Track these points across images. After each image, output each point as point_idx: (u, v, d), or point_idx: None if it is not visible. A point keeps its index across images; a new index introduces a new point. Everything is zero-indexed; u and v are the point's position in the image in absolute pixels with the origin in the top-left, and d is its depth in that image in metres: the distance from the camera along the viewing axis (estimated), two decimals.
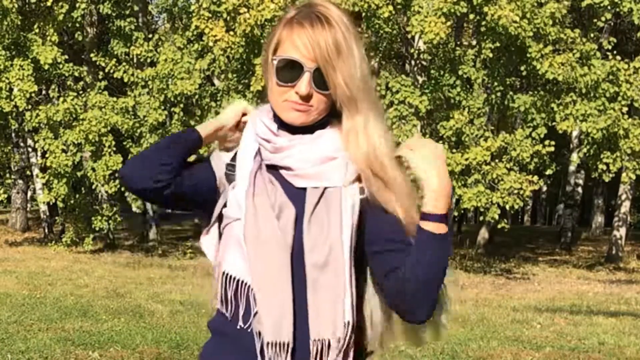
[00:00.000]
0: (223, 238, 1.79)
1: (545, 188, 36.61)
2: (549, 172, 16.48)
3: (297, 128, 1.75)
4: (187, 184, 1.81)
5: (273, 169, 1.76)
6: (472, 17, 15.86)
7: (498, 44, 15.45)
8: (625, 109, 15.72)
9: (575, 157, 20.73)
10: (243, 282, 1.72)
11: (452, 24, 15.58)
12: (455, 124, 15.18)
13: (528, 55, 15.28)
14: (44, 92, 19.77)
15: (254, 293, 1.70)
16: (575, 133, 20.40)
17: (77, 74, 18.50)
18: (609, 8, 16.22)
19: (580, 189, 24.50)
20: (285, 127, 1.76)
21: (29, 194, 25.65)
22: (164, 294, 10.98)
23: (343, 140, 1.74)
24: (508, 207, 15.37)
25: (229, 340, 1.76)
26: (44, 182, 18.15)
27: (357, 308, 1.72)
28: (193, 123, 17.69)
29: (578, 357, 7.53)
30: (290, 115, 1.73)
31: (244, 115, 1.88)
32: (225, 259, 1.75)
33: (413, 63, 16.89)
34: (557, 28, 15.39)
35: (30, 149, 21.54)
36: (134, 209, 18.06)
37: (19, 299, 9.93)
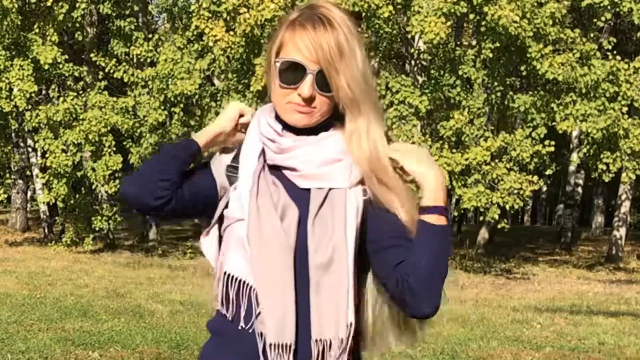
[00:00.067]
0: (224, 239, 1.78)
1: (545, 188, 36.61)
2: (549, 172, 16.48)
3: (300, 129, 1.75)
4: (187, 196, 1.78)
5: (276, 170, 1.76)
6: (472, 17, 15.86)
7: (498, 44, 15.45)
8: (625, 109, 15.71)
9: (575, 157, 20.72)
10: (245, 282, 1.71)
11: (452, 24, 15.57)
12: (455, 124, 15.18)
13: (528, 55, 15.27)
14: (44, 92, 19.77)
15: (256, 294, 1.69)
16: (575, 133, 20.40)
17: (77, 74, 18.49)
18: (609, 8, 16.21)
19: (580, 189, 24.50)
20: (289, 127, 1.76)
21: (29, 194, 25.65)
22: (164, 294, 10.98)
23: (346, 142, 1.75)
24: (508, 207, 15.37)
25: (230, 341, 1.76)
26: (44, 182, 18.15)
27: (355, 309, 1.73)
28: (193, 123, 17.70)
29: (578, 357, 7.52)
30: (293, 117, 1.73)
31: (241, 117, 1.86)
32: (227, 260, 1.75)
33: (413, 63, 16.89)
34: (557, 28, 15.39)
35: (30, 149, 21.54)
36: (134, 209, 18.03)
37: (19, 299, 9.93)
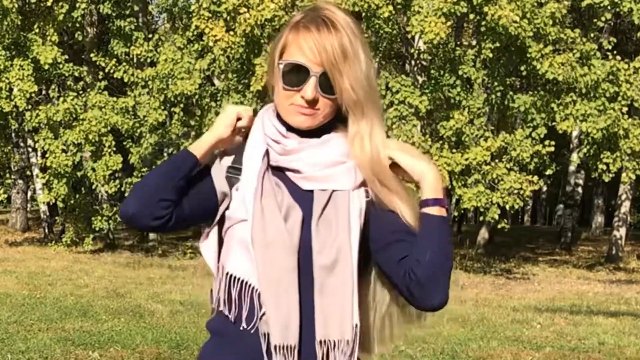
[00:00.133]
0: (226, 240, 1.78)
1: (545, 188, 36.61)
2: (549, 172, 16.48)
3: (303, 131, 1.76)
4: (187, 211, 1.76)
5: (278, 171, 1.76)
6: (472, 17, 15.85)
7: (498, 44, 15.44)
8: (625, 109, 15.71)
9: (575, 157, 20.73)
10: (247, 283, 1.71)
11: (452, 24, 15.57)
12: (455, 124, 15.17)
13: (528, 55, 15.27)
14: (44, 92, 19.77)
15: (260, 295, 1.69)
16: (575, 133, 20.40)
17: (77, 74, 18.50)
18: (609, 8, 16.21)
19: (580, 189, 24.50)
20: (293, 129, 1.77)
21: (29, 194, 25.65)
22: (164, 294, 10.99)
23: (349, 145, 1.76)
24: (508, 207, 15.36)
25: (230, 341, 1.76)
26: (44, 182, 18.16)
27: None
28: (193, 123, 17.71)
29: (578, 357, 7.52)
30: (297, 119, 1.74)
31: (239, 120, 1.82)
32: (229, 261, 1.75)
33: (413, 63, 16.89)
34: (557, 28, 15.38)
35: (30, 149, 21.54)
36: None
37: (19, 299, 9.93)
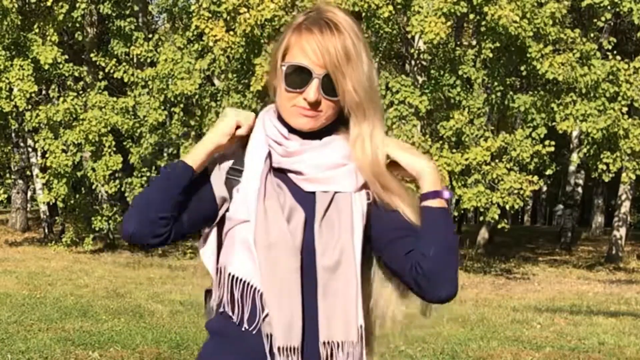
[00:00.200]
0: (226, 242, 1.77)
1: (545, 188, 36.62)
2: (549, 172, 16.48)
3: (305, 132, 1.76)
4: (187, 223, 1.76)
5: (279, 172, 1.76)
6: (472, 17, 15.85)
7: (498, 44, 15.44)
8: (625, 109, 15.71)
9: (575, 157, 20.73)
10: (249, 284, 1.71)
11: (452, 24, 15.56)
12: (455, 124, 15.17)
13: (528, 55, 15.27)
14: (44, 92, 19.77)
15: (263, 296, 1.69)
16: (575, 133, 20.40)
17: (77, 74, 18.49)
18: (609, 8, 16.20)
19: (580, 189, 24.49)
20: (294, 130, 1.77)
21: (29, 194, 25.65)
22: (164, 294, 10.99)
23: (350, 147, 1.77)
24: (508, 207, 15.36)
25: (232, 342, 1.75)
26: (44, 182, 18.15)
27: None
28: (193, 123, 17.71)
29: (578, 357, 7.53)
30: (299, 121, 1.74)
31: (238, 128, 1.79)
32: (231, 262, 1.74)
33: (413, 63, 16.89)
34: (557, 28, 15.38)
35: (30, 149, 21.54)
36: None
37: (19, 299, 9.93)
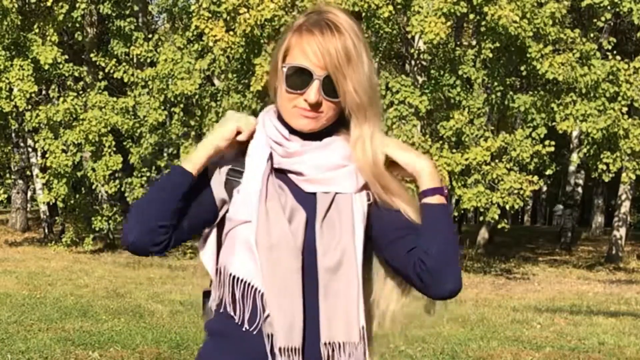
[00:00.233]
0: (227, 242, 1.77)
1: (545, 188, 36.62)
2: (549, 172, 16.47)
3: (305, 133, 1.76)
4: (187, 229, 1.76)
5: (280, 172, 1.77)
6: (472, 17, 15.84)
7: (498, 44, 15.43)
8: (625, 109, 15.71)
9: (575, 157, 20.72)
10: (250, 284, 1.71)
11: (452, 24, 15.56)
12: (455, 124, 15.17)
13: (528, 55, 15.26)
14: (44, 92, 19.77)
15: (263, 296, 1.69)
16: (575, 133, 20.40)
17: (77, 74, 18.50)
18: (609, 8, 16.20)
19: (580, 189, 24.50)
20: (295, 131, 1.77)
21: (29, 194, 25.66)
22: (164, 294, 10.99)
23: (351, 148, 1.77)
24: (508, 207, 15.36)
25: (232, 342, 1.75)
26: (44, 182, 18.16)
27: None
28: (193, 123, 17.71)
29: (578, 357, 7.52)
30: (300, 122, 1.74)
31: (238, 133, 1.78)
32: (232, 262, 1.74)
33: (413, 63, 16.88)
34: (557, 28, 15.38)
35: (30, 149, 21.54)
36: None
37: (19, 299, 9.93)
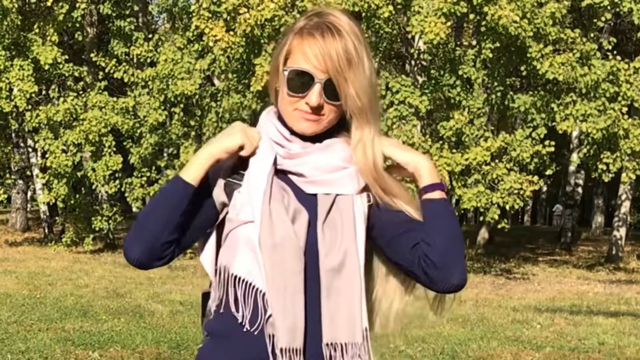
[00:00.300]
0: (227, 242, 1.76)
1: (545, 188, 36.61)
2: (549, 172, 16.46)
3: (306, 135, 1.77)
4: (189, 239, 1.77)
5: (281, 174, 1.77)
6: (472, 17, 15.84)
7: (498, 44, 15.43)
8: (625, 109, 15.70)
9: (575, 157, 20.72)
10: (251, 284, 1.71)
11: (452, 24, 15.55)
12: (455, 124, 15.17)
13: (528, 55, 15.26)
14: (44, 92, 19.77)
15: (265, 296, 1.69)
16: (575, 133, 20.38)
17: (77, 74, 18.50)
18: (609, 8, 16.19)
19: (580, 189, 24.49)
20: (296, 132, 1.77)
21: (29, 194, 25.67)
22: (164, 294, 10.99)
23: (352, 151, 1.78)
24: (508, 207, 15.35)
25: (233, 343, 1.75)
26: (44, 182, 18.16)
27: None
28: (193, 123, 17.71)
29: (578, 357, 7.52)
30: (301, 125, 1.75)
31: (241, 148, 1.75)
32: (233, 262, 1.74)
33: (413, 63, 16.88)
34: (557, 28, 15.37)
35: (30, 149, 21.55)
36: (134, 209, 18.05)
37: (19, 299, 9.93)
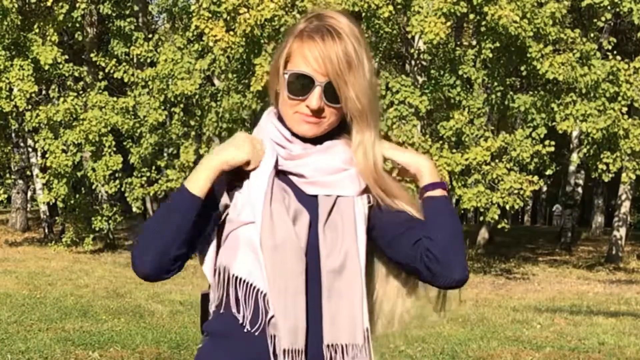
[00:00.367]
0: (228, 242, 1.75)
1: (545, 188, 36.61)
2: (549, 172, 16.46)
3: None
4: (195, 246, 1.77)
5: (282, 174, 1.77)
6: (472, 17, 15.84)
7: (498, 44, 15.43)
8: (625, 109, 15.70)
9: (575, 157, 20.72)
10: (252, 285, 1.71)
11: (452, 24, 15.55)
12: (455, 124, 15.17)
13: (528, 55, 15.26)
14: (44, 92, 19.77)
15: (266, 297, 1.69)
16: (575, 133, 20.38)
17: (77, 74, 18.50)
18: (609, 8, 16.19)
19: (580, 189, 24.49)
20: (296, 134, 1.78)
21: (29, 194, 25.67)
22: (164, 294, 10.99)
23: (353, 153, 1.79)
24: (508, 207, 15.35)
25: (233, 343, 1.74)
26: (44, 182, 18.16)
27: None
28: (193, 123, 17.70)
29: (578, 357, 7.53)
30: (302, 128, 1.75)
31: (247, 163, 1.74)
32: (234, 263, 1.73)
33: (413, 63, 16.88)
34: (557, 28, 15.37)
35: (30, 149, 21.55)
36: (134, 209, 18.05)
37: (19, 299, 9.93)
